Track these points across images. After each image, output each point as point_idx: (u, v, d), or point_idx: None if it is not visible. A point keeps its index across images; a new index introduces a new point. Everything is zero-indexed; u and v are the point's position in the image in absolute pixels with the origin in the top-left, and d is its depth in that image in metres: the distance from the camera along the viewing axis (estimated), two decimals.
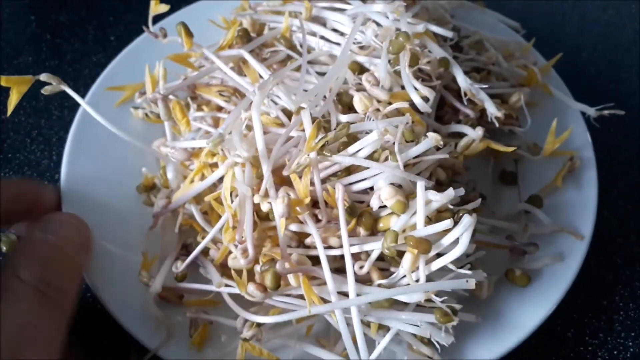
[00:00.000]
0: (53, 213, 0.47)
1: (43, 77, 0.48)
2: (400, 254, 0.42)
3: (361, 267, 0.43)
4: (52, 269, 0.39)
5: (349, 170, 0.45)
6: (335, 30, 0.54)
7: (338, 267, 0.44)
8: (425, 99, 0.48)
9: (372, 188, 0.44)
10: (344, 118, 0.47)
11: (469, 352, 0.45)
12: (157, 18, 0.54)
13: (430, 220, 0.42)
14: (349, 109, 0.49)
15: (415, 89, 0.47)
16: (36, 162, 0.63)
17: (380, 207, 0.44)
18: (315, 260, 0.43)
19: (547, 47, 0.63)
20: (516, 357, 0.48)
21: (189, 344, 0.45)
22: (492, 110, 0.49)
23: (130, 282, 0.48)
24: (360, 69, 0.51)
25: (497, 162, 0.57)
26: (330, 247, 0.44)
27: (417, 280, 0.42)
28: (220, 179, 0.46)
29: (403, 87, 0.48)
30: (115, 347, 0.48)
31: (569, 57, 0.62)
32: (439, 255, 0.42)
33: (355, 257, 0.44)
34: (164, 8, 0.52)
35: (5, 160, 0.62)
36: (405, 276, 0.42)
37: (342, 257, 0.43)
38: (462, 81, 0.49)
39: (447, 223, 0.40)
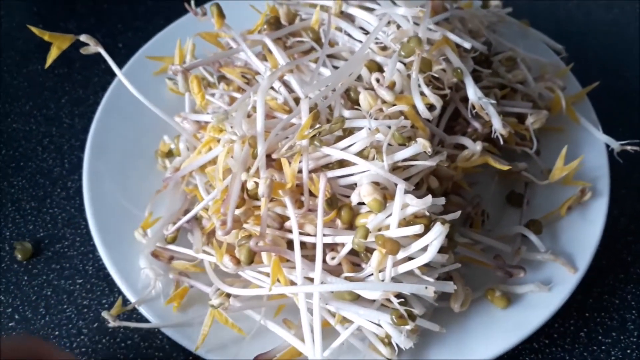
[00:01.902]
0: None
1: (83, 37, 0.52)
2: (372, 251, 0.43)
3: (333, 258, 0.44)
4: None
5: (342, 164, 0.46)
6: (361, 28, 0.55)
7: (312, 255, 0.45)
8: (432, 107, 0.48)
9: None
10: (346, 113, 0.48)
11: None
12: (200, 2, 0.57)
13: (408, 224, 0.43)
14: (358, 105, 0.50)
15: (424, 95, 0.48)
16: (48, 170, 0.64)
17: (361, 203, 0.44)
18: (293, 245, 0.45)
19: None
20: (530, 358, 0.50)
21: (164, 303, 0.48)
22: (498, 126, 0.48)
23: (130, 236, 0.52)
24: (378, 69, 0.51)
25: (507, 183, 0.56)
26: (307, 234, 0.45)
27: (384, 280, 0.42)
28: None
29: None
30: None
31: (574, 55, 0.63)
32: (411, 259, 0.43)
33: (332, 248, 0.45)
34: None
35: (18, 168, 0.64)
36: (372, 274, 0.43)
37: None
38: (472, 93, 0.49)
39: (417, 228, 0.41)
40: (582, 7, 0.81)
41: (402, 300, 0.41)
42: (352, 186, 0.45)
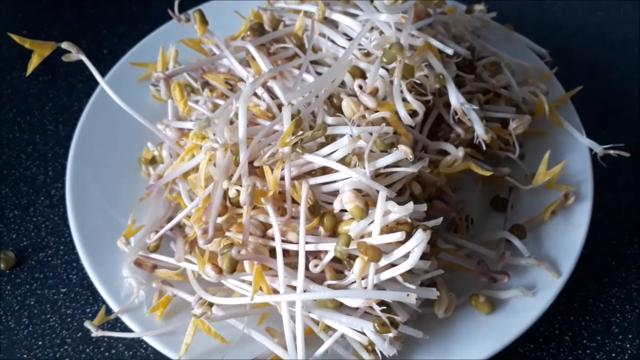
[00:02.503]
0: None
1: (64, 45, 0.52)
2: (355, 258, 0.43)
3: (316, 266, 0.44)
4: None
5: (324, 171, 0.46)
6: (345, 34, 0.55)
7: (295, 263, 0.45)
8: (414, 113, 0.48)
9: None
10: (329, 120, 0.48)
11: None
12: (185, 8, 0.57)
13: (391, 231, 0.43)
14: (341, 112, 0.50)
15: (406, 101, 0.48)
16: (32, 177, 0.63)
17: (343, 210, 0.44)
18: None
19: None
20: None
21: (147, 312, 0.47)
22: (480, 131, 0.48)
23: (113, 245, 0.51)
24: (362, 75, 0.51)
25: (491, 188, 0.56)
26: (290, 242, 0.45)
27: (367, 287, 0.42)
28: None
29: None
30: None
31: (561, 58, 0.64)
32: (394, 266, 0.42)
33: (315, 255, 0.45)
34: None
35: (1, 176, 0.63)
36: (355, 281, 0.42)
37: None
38: (454, 99, 0.49)
39: (399, 235, 0.41)
40: (567, 10, 0.82)
41: (385, 307, 0.41)
42: (335, 193, 0.45)
